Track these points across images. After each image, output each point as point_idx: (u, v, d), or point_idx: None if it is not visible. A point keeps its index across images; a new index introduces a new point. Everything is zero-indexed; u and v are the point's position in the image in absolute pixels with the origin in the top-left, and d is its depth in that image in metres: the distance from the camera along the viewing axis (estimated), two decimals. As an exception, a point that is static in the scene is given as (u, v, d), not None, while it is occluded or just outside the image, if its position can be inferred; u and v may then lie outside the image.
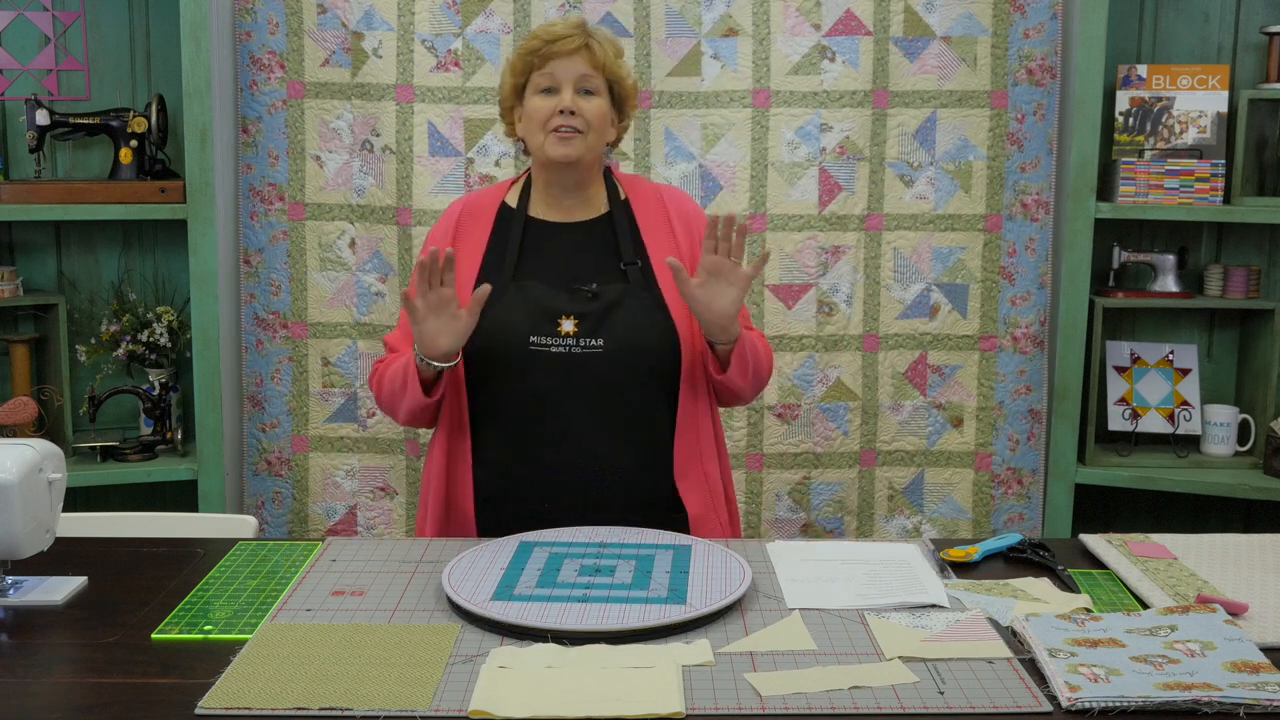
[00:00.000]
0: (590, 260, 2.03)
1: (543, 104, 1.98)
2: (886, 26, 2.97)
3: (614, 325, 1.96)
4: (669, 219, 2.08)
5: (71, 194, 2.88)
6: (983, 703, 1.31)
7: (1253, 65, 3.03)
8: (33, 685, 1.35)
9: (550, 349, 1.94)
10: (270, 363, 3.10)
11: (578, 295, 1.97)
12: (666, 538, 1.81)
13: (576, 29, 2.00)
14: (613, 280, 2.00)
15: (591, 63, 1.99)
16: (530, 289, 1.98)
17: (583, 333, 1.95)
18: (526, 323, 1.95)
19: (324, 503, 3.13)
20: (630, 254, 2.03)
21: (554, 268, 2.01)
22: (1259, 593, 1.63)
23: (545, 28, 2.01)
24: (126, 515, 2.13)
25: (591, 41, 2.00)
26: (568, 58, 1.98)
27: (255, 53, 3.01)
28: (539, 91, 1.99)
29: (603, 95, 2.01)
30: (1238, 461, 3.03)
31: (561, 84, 1.98)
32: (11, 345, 2.99)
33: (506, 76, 2.06)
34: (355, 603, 1.59)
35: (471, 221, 2.08)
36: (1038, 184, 3.02)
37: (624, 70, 2.06)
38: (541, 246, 2.04)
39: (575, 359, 1.94)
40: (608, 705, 1.28)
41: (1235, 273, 3.00)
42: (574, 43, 1.98)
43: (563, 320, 1.95)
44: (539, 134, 1.99)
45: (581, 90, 1.99)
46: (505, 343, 1.95)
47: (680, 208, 2.10)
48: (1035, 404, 3.08)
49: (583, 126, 1.98)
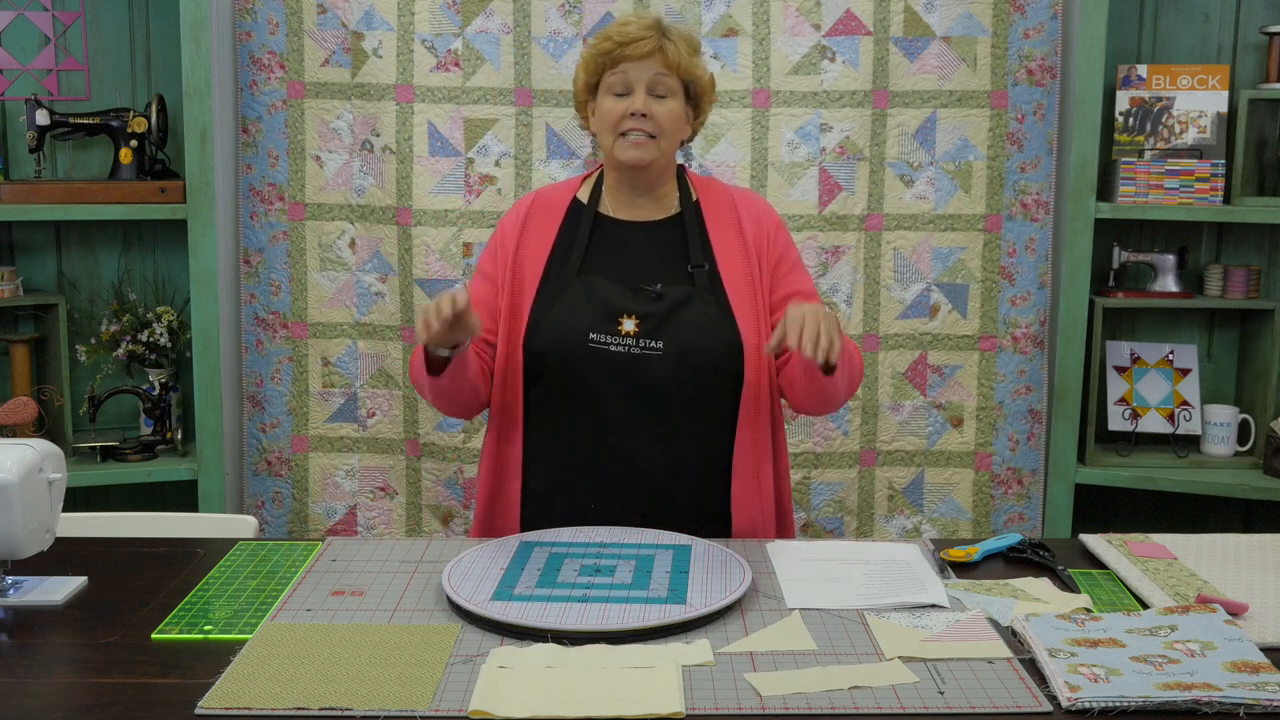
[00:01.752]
0: (657, 260, 1.99)
1: (614, 106, 1.95)
2: (886, 26, 2.97)
3: (676, 327, 1.92)
4: (739, 222, 2.03)
5: (71, 194, 2.88)
6: (983, 703, 1.31)
7: (1253, 65, 3.03)
8: (33, 685, 1.35)
9: (609, 347, 1.91)
10: (270, 363, 3.10)
11: (641, 295, 1.94)
12: (666, 538, 1.81)
13: (650, 30, 1.94)
14: (679, 282, 1.97)
15: (665, 64, 1.94)
16: (594, 285, 1.95)
17: (643, 333, 1.91)
18: (588, 319, 1.92)
19: (324, 503, 3.13)
20: (698, 257, 1.99)
21: (620, 266, 1.98)
22: (1259, 593, 1.63)
23: (618, 27, 1.96)
24: (126, 515, 2.13)
25: (666, 43, 1.94)
26: (641, 60, 1.93)
27: (255, 53, 3.01)
28: (611, 93, 1.96)
29: (677, 96, 1.97)
30: (1238, 461, 3.03)
31: (634, 86, 1.94)
32: (11, 345, 2.99)
33: (580, 72, 2.03)
34: (355, 603, 1.59)
35: (541, 215, 2.05)
36: (1038, 184, 3.02)
37: (700, 69, 2.00)
38: (609, 244, 2.01)
39: (634, 359, 1.91)
40: (608, 705, 1.28)
41: (1235, 273, 3.00)
42: (647, 46, 1.93)
43: (624, 319, 1.92)
44: (610, 136, 1.96)
45: (654, 93, 1.95)
46: (564, 338, 1.92)
47: (752, 210, 2.06)
48: (1035, 404, 3.09)
49: (654, 131, 1.94)
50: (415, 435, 3.08)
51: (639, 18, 1.97)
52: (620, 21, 1.97)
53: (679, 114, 1.97)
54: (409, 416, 3.08)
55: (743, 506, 1.98)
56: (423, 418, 3.06)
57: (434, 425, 3.06)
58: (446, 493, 3.09)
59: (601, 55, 1.96)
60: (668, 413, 1.92)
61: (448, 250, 3.00)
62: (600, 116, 1.98)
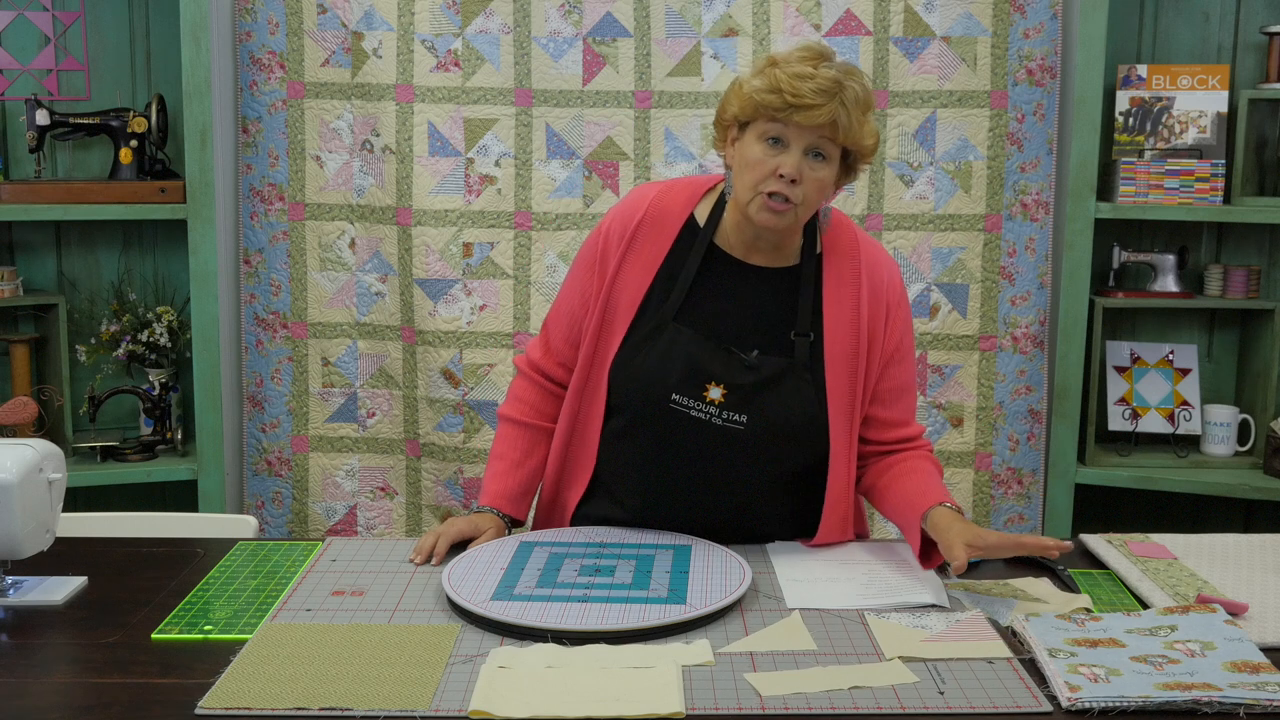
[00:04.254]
0: (761, 317, 1.83)
1: (764, 158, 1.73)
2: (886, 26, 2.97)
3: (763, 404, 1.78)
4: (859, 288, 1.85)
5: (71, 194, 2.88)
6: (983, 703, 1.31)
7: (1253, 65, 3.03)
8: (33, 685, 1.35)
9: (690, 412, 1.78)
10: (270, 363, 3.10)
11: (734, 361, 1.79)
12: (666, 538, 1.81)
13: (826, 96, 1.69)
14: (778, 346, 1.81)
15: (831, 132, 1.72)
16: (686, 339, 1.80)
17: (728, 405, 1.77)
18: (674, 377, 1.78)
19: (324, 503, 3.13)
20: (804, 325, 1.81)
21: (720, 315, 1.82)
22: (1259, 593, 1.63)
23: (792, 81, 1.69)
24: (126, 515, 2.13)
25: (840, 112, 1.70)
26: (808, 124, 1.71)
27: (255, 53, 3.01)
28: (763, 139, 1.74)
29: (832, 164, 1.75)
30: (1238, 461, 3.03)
31: (791, 143, 1.72)
32: (11, 345, 2.99)
33: (734, 102, 1.78)
34: (355, 603, 1.59)
35: (652, 232, 1.86)
36: (1038, 184, 3.02)
37: (867, 135, 1.76)
38: (716, 287, 1.84)
39: (715, 430, 1.78)
40: (608, 705, 1.28)
41: (1235, 273, 3.00)
42: (820, 117, 1.69)
43: (710, 386, 1.78)
44: (749, 190, 1.75)
45: (813, 154, 1.74)
46: (647, 393, 1.80)
47: (875, 276, 1.86)
48: (1035, 404, 3.08)
49: (798, 199, 1.73)
50: (415, 435, 3.08)
51: (816, 70, 1.71)
52: (794, 72, 1.71)
53: (828, 183, 1.77)
54: (409, 416, 3.08)
55: None
56: (423, 418, 3.06)
57: (434, 425, 3.06)
58: (446, 493, 3.08)
59: (766, 107, 1.72)
60: (740, 476, 1.82)
61: (448, 250, 3.00)
62: (743, 160, 1.76)
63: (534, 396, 1.98)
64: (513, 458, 1.96)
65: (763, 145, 1.74)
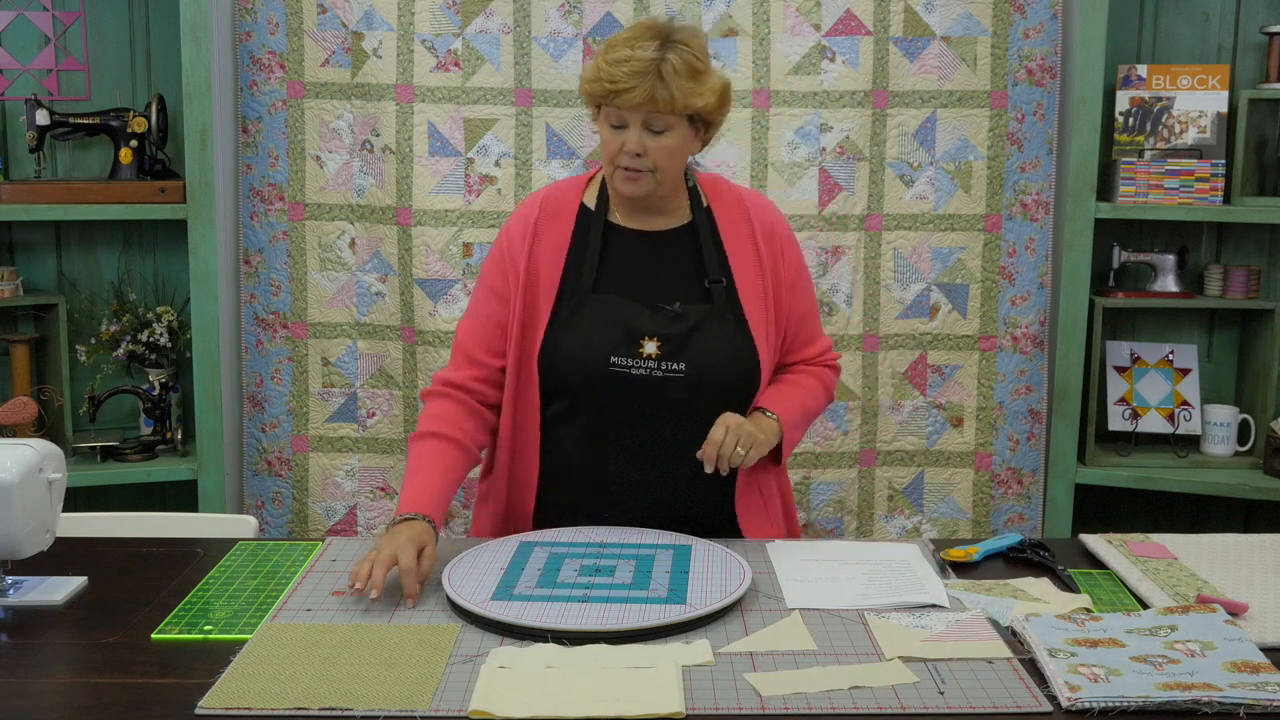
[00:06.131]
0: (672, 274, 1.94)
1: (611, 138, 1.87)
2: (886, 26, 2.97)
3: (696, 349, 1.88)
4: (753, 233, 1.98)
5: (71, 194, 2.88)
6: (983, 703, 1.31)
7: (1253, 65, 3.03)
8: (33, 685, 1.35)
9: (631, 371, 1.87)
10: (270, 363, 3.10)
11: (660, 314, 1.89)
12: (666, 538, 1.81)
13: (640, 77, 1.80)
14: (695, 298, 1.92)
15: (654, 106, 1.82)
16: (611, 305, 1.90)
17: (665, 355, 1.87)
18: (608, 342, 1.87)
19: (324, 503, 3.13)
20: (715, 271, 1.94)
21: (635, 280, 1.93)
22: (1259, 593, 1.63)
23: (610, 66, 1.82)
24: (126, 515, 2.13)
25: (659, 89, 1.81)
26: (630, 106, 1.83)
27: (255, 53, 3.01)
28: (608, 123, 1.87)
29: (675, 130, 1.86)
30: (1238, 461, 3.03)
31: (629, 122, 1.85)
32: (11, 345, 2.99)
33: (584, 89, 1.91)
34: (355, 603, 1.59)
35: (551, 224, 1.97)
36: (1038, 184, 3.02)
37: (701, 96, 1.85)
38: (622, 256, 1.95)
39: (655, 382, 1.87)
40: (608, 705, 1.28)
41: (1235, 273, 3.00)
42: (636, 98, 1.81)
43: (645, 341, 1.87)
44: (609, 166, 1.90)
45: (651, 128, 1.85)
46: (585, 362, 1.88)
47: (764, 220, 2.00)
48: (1035, 404, 3.09)
49: (649, 167, 1.86)
50: (415, 435, 3.08)
51: (633, 52, 1.82)
52: (614, 56, 1.83)
53: (677, 146, 1.88)
54: (409, 416, 3.08)
55: (750, 514, 1.99)
56: (423, 418, 3.06)
57: (434, 425, 3.06)
58: (446, 493, 3.08)
59: (595, 95, 1.87)
60: (683, 430, 1.89)
61: (448, 250, 3.00)
62: (601, 142, 1.91)
63: (452, 412, 1.94)
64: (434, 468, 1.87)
65: (609, 129, 1.88)
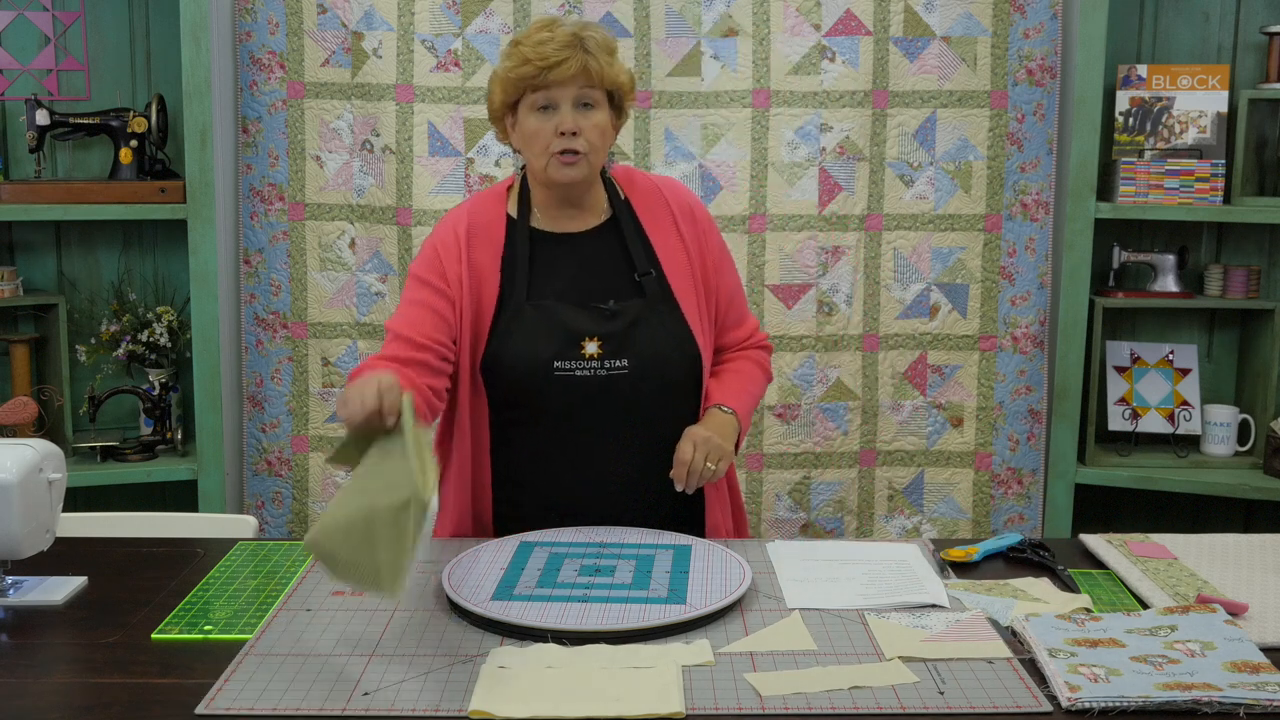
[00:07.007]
0: (603, 272, 1.95)
1: (541, 125, 1.87)
2: (886, 26, 2.97)
3: (637, 344, 1.90)
4: (673, 217, 2.00)
5: (71, 194, 2.88)
6: (983, 703, 1.31)
7: (1253, 65, 3.03)
8: (33, 685, 1.35)
9: (575, 373, 1.88)
10: (270, 363, 3.10)
11: (597, 314, 1.90)
12: (666, 538, 1.81)
13: (570, 49, 1.84)
14: (628, 293, 1.94)
15: (588, 80, 1.86)
16: (548, 310, 1.90)
17: (607, 354, 1.88)
18: (550, 347, 1.88)
19: (324, 503, 3.13)
20: (643, 263, 1.95)
21: (568, 283, 1.93)
22: (1259, 593, 1.63)
23: (536, 47, 1.85)
24: (126, 515, 2.13)
25: (589, 60, 1.85)
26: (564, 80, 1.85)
27: (255, 53, 3.01)
28: (536, 110, 1.87)
29: (602, 107, 1.90)
30: (1238, 461, 3.03)
31: (559, 103, 1.86)
32: (11, 345, 2.99)
33: (496, 90, 1.93)
34: (355, 603, 1.59)
35: (482, 237, 1.95)
36: (1038, 184, 3.02)
37: (620, 72, 1.92)
38: (552, 262, 1.96)
39: (600, 381, 1.88)
40: (608, 705, 1.28)
41: (1235, 273, 3.00)
42: (570, 69, 1.84)
43: (586, 342, 1.88)
44: (541, 157, 1.89)
45: (581, 104, 1.87)
46: (529, 368, 1.88)
47: (681, 203, 2.02)
48: (1035, 404, 3.09)
49: (585, 147, 1.87)
50: (415, 435, 3.08)
51: (553, 32, 1.86)
52: (535, 40, 1.86)
53: (606, 125, 1.90)
54: (409, 416, 3.08)
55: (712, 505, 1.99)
56: (423, 418, 3.06)
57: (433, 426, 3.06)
58: (446, 493, 3.08)
59: (522, 80, 1.86)
60: (634, 425, 1.91)
61: (448, 250, 2.99)
62: (526, 135, 1.89)
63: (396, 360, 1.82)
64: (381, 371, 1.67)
65: (535, 115, 1.88)
